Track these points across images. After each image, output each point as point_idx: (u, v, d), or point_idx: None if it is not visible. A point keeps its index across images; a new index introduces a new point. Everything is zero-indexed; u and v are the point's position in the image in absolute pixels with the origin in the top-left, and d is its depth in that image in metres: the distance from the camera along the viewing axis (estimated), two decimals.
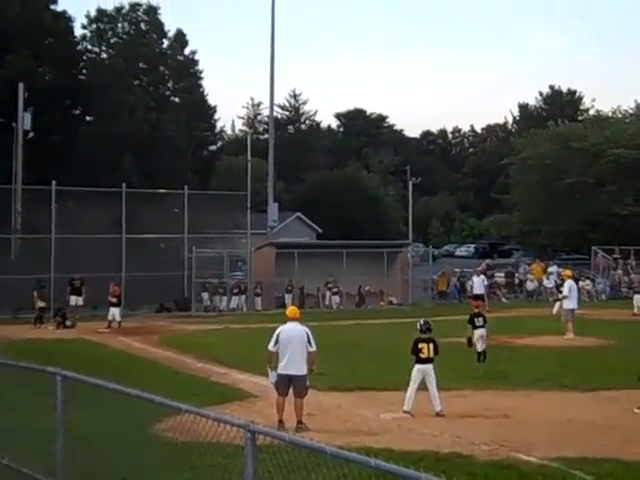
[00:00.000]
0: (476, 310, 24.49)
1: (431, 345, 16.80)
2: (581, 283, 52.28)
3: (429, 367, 16.71)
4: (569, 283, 32.03)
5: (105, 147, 61.65)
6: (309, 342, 15.63)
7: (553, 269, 53.03)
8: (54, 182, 41.37)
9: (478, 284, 45.24)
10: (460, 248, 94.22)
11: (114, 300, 35.66)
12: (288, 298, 44.51)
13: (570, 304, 30.99)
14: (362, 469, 6.56)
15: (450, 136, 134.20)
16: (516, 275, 55.42)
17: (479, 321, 23.76)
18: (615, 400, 18.25)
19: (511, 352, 26.29)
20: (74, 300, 37.45)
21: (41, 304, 36.63)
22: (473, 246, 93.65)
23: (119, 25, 74.00)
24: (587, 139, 73.79)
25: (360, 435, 14.59)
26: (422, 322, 17.27)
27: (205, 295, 45.33)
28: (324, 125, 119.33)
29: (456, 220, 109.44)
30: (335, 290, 46.64)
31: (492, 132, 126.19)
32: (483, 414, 16.79)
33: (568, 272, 34.86)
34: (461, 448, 13.77)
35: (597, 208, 70.21)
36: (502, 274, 55.71)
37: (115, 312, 35.25)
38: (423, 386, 16.68)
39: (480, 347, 23.46)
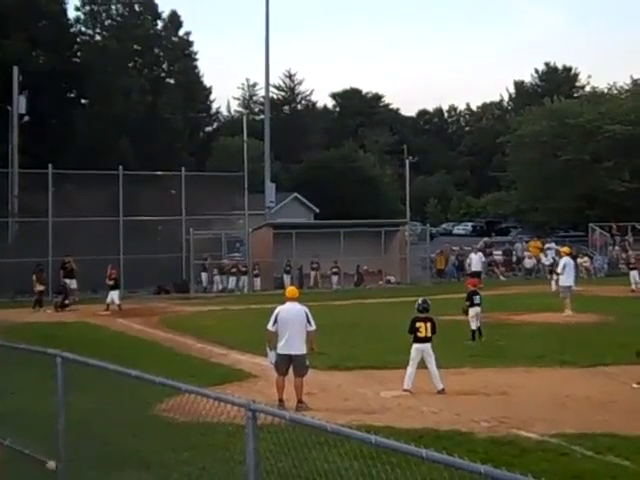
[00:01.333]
0: (472, 288, 24.50)
1: (429, 324, 16.86)
2: (579, 260, 52.40)
3: (427, 346, 16.76)
4: (564, 260, 32.03)
5: (101, 130, 61.61)
6: (308, 321, 15.65)
7: (551, 246, 53.11)
8: (50, 165, 41.34)
9: (476, 261, 45.51)
10: (458, 226, 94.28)
11: (111, 283, 35.58)
12: (287, 279, 44.61)
13: (566, 281, 30.99)
14: (363, 446, 6.57)
15: (446, 115, 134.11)
16: (514, 253, 55.46)
17: (476, 299, 23.82)
18: (614, 376, 18.29)
19: (510, 329, 26.37)
20: (67, 283, 37.44)
21: (40, 287, 36.64)
22: (471, 224, 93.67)
23: (113, 7, 73.79)
24: (583, 116, 73.65)
25: (360, 413, 14.63)
26: (420, 301, 17.33)
27: (204, 276, 45.33)
28: (320, 105, 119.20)
29: (453, 199, 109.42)
30: (335, 270, 46.69)
31: (488, 110, 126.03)
32: (482, 391, 16.82)
33: (566, 249, 34.86)
34: (461, 425, 13.81)
35: (594, 185, 70.18)
36: (500, 252, 55.84)
37: (114, 295, 35.17)
38: (423, 364, 16.72)
39: (475, 325, 23.54)
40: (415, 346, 16.81)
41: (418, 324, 16.87)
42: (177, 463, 9.74)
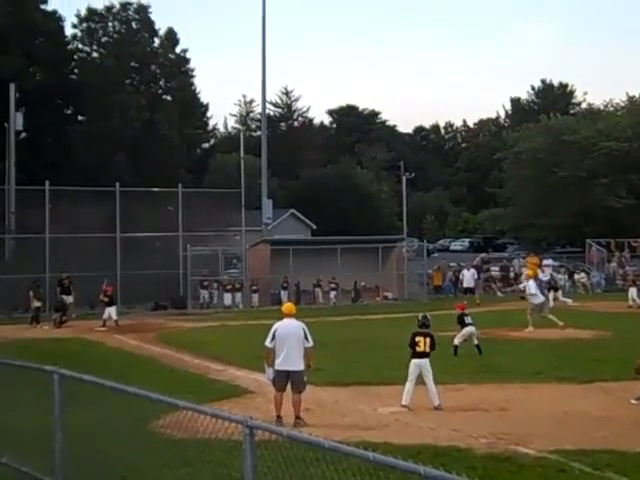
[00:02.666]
0: (460, 311, 24.56)
1: (428, 340, 16.85)
2: (576, 276, 52.61)
3: (425, 361, 16.73)
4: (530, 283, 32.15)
5: (98, 147, 61.59)
6: (306, 338, 15.63)
7: (548, 262, 53.15)
8: (47, 182, 41.36)
9: (468, 278, 45.68)
10: (455, 242, 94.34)
11: (106, 299, 35.49)
12: (284, 295, 44.63)
13: (536, 299, 31.26)
14: (361, 463, 6.55)
15: (443, 131, 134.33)
16: (511, 269, 55.47)
17: (467, 319, 24.00)
18: (612, 392, 18.29)
19: (507, 345, 26.37)
20: (64, 299, 37.37)
21: (37, 304, 36.61)
22: (467, 240, 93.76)
23: (110, 24, 73.78)
24: (579, 132, 73.91)
25: (358, 430, 14.60)
26: (420, 317, 17.42)
27: (204, 293, 45.29)
28: (317, 122, 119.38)
29: (450, 215, 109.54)
30: (333, 286, 46.72)
31: (485, 127, 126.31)
32: (480, 407, 16.80)
33: (530, 272, 35.24)
34: (459, 441, 13.78)
35: (590, 201, 70.30)
36: (497, 268, 55.85)
37: (111, 311, 35.12)
38: (421, 380, 16.70)
39: (458, 341, 23.75)
40: (413, 361, 16.79)
41: (418, 338, 16.87)
42: (176, 479, 9.71)
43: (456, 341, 23.68)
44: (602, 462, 12.38)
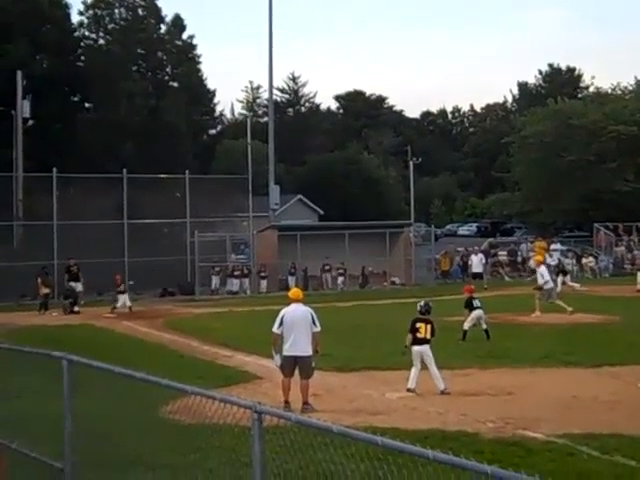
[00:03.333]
0: (468, 295, 24.56)
1: (429, 326, 16.99)
2: (584, 260, 52.54)
3: (425, 348, 16.82)
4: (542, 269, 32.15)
5: (105, 134, 61.71)
6: (314, 322, 15.65)
7: (556, 247, 53.13)
8: (55, 169, 41.41)
9: (476, 263, 45.63)
10: (462, 227, 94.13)
11: (120, 289, 35.83)
12: (291, 280, 44.66)
13: (547, 285, 31.25)
14: (369, 448, 6.57)
15: (450, 116, 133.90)
16: (519, 253, 55.43)
17: (475, 303, 24.00)
18: (619, 376, 18.29)
19: (515, 330, 26.38)
20: (73, 286, 37.49)
21: (45, 290, 36.70)
22: (475, 225, 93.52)
23: (116, 11, 73.85)
24: (587, 116, 73.60)
25: (366, 415, 14.64)
26: (422, 304, 17.54)
27: (216, 279, 45.32)
28: (324, 107, 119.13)
29: (458, 199, 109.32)
30: (341, 271, 46.76)
31: (492, 111, 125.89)
32: (488, 392, 16.83)
33: (539, 257, 35.19)
34: (467, 426, 13.81)
35: (598, 185, 70.07)
36: (505, 252, 55.80)
37: (124, 298, 35.44)
38: (425, 366, 16.74)
39: (468, 326, 23.76)
40: (414, 349, 16.91)
41: (418, 324, 17.01)
42: (184, 465, 9.73)
43: (465, 326, 23.69)
44: (610, 446, 12.40)
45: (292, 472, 8.03)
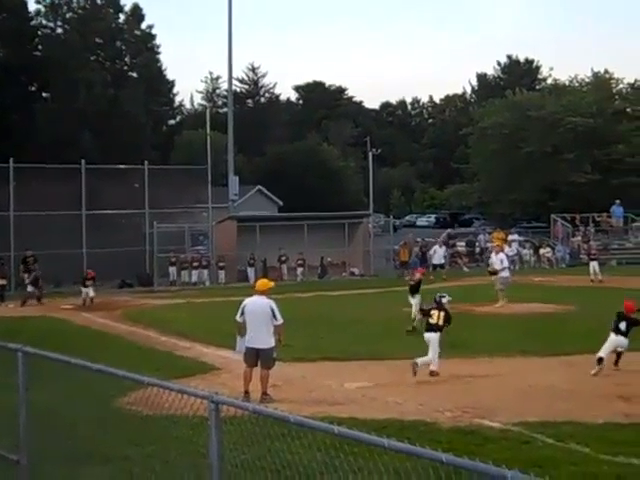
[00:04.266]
0: (421, 276, 24.71)
1: (442, 313, 17.75)
2: (541, 251, 52.97)
3: (433, 336, 17.51)
4: (501, 256, 32.49)
5: (63, 124, 61.07)
6: (274, 316, 15.64)
7: (514, 237, 53.52)
8: (11, 159, 41.03)
9: (440, 254, 45.91)
10: (421, 218, 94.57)
11: (88, 283, 35.31)
12: (251, 272, 44.64)
13: (505, 272, 31.62)
14: (326, 437, 6.60)
15: (409, 107, 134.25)
16: (477, 244, 55.75)
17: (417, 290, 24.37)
18: (576, 364, 18.48)
19: (473, 320, 26.49)
20: (29, 277, 37.15)
21: (1, 282, 36.39)
22: (434, 216, 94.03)
23: (74, 0, 73.10)
24: (545, 108, 74.18)
25: (324, 405, 14.69)
26: (437, 295, 18.41)
27: (173, 270, 45.15)
28: (283, 98, 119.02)
29: (417, 190, 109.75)
30: (300, 262, 46.77)
31: (451, 102, 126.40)
32: (446, 382, 16.96)
33: (499, 243, 35.64)
34: (425, 415, 13.91)
35: (556, 176, 70.68)
36: (463, 243, 56.12)
37: (89, 290, 34.92)
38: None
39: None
40: (424, 334, 17.75)
41: (433, 311, 17.92)
42: (141, 457, 9.72)
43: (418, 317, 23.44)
44: (565, 433, 12.56)
45: (250, 462, 8.06)
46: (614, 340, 17.58)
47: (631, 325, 17.60)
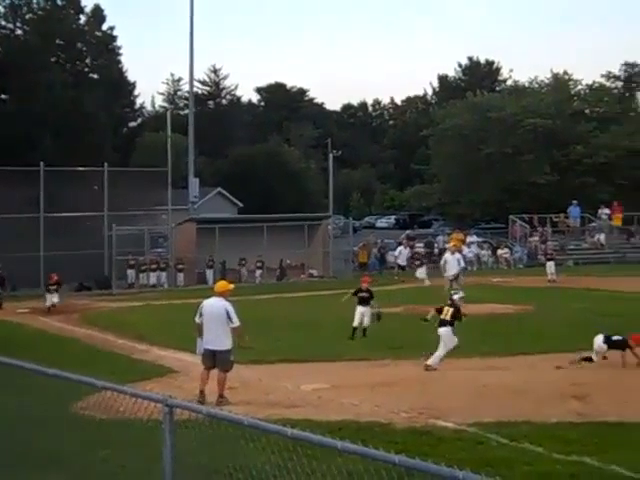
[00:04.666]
0: (365, 285, 24.13)
1: (451, 309, 18.99)
2: (499, 251, 53.33)
3: (442, 331, 18.69)
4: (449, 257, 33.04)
5: (22, 125, 60.66)
6: (230, 319, 15.63)
7: (472, 239, 53.83)
8: None
9: (404, 256, 46.24)
10: (381, 219, 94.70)
11: (52, 288, 34.87)
12: (210, 274, 44.54)
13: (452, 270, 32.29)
14: (280, 440, 6.66)
15: (370, 109, 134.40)
16: (435, 245, 55.92)
17: (365, 296, 23.60)
18: (533, 364, 18.70)
19: (430, 321, 26.60)
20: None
21: None
22: (394, 217, 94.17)
23: (34, 0, 72.59)
24: (505, 109, 74.56)
25: (280, 407, 14.75)
26: (451, 292, 20.09)
27: (131, 272, 44.92)
28: (245, 100, 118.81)
29: (377, 192, 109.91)
30: (259, 264, 46.70)
31: (412, 104, 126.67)
32: (402, 383, 17.05)
33: (450, 246, 36.05)
34: (381, 417, 14.00)
35: (515, 177, 71.04)
36: (422, 244, 56.29)
37: (53, 296, 34.41)
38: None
39: (357, 322, 23.20)
40: (438, 330, 18.82)
41: (445, 308, 19.14)
42: (96, 461, 9.73)
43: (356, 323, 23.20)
44: (519, 433, 12.71)
45: (204, 465, 8.11)
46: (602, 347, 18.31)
47: (619, 346, 18.21)
